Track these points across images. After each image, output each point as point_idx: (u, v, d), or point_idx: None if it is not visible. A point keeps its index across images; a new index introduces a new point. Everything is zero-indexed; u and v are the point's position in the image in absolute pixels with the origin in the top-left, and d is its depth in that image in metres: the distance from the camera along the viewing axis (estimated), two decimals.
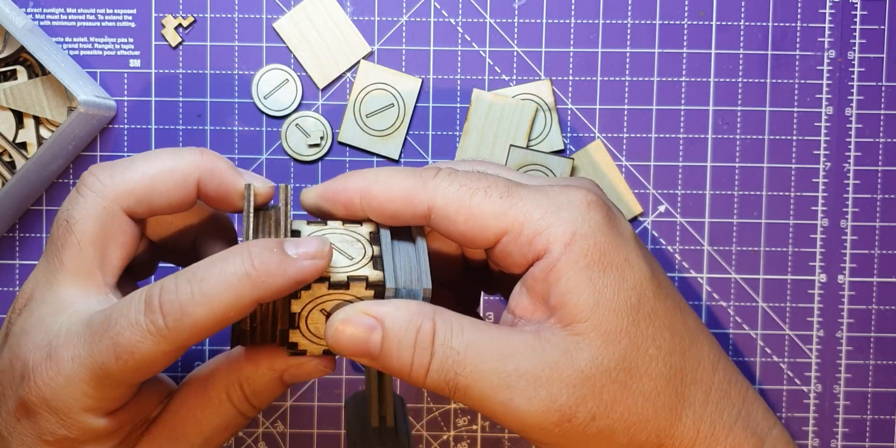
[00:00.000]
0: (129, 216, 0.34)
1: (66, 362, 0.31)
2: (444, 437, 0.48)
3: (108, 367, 0.31)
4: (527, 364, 0.31)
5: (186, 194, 0.34)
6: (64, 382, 0.31)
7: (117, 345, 0.30)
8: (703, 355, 0.34)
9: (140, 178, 0.33)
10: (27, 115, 0.45)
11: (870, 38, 0.47)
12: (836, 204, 0.47)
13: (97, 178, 0.33)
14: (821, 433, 0.48)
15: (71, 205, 0.33)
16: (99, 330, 0.31)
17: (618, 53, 0.47)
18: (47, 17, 0.47)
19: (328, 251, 0.31)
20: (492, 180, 0.33)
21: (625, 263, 0.32)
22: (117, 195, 0.33)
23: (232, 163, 0.35)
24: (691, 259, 0.47)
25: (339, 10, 0.47)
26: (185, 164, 0.34)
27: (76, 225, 0.33)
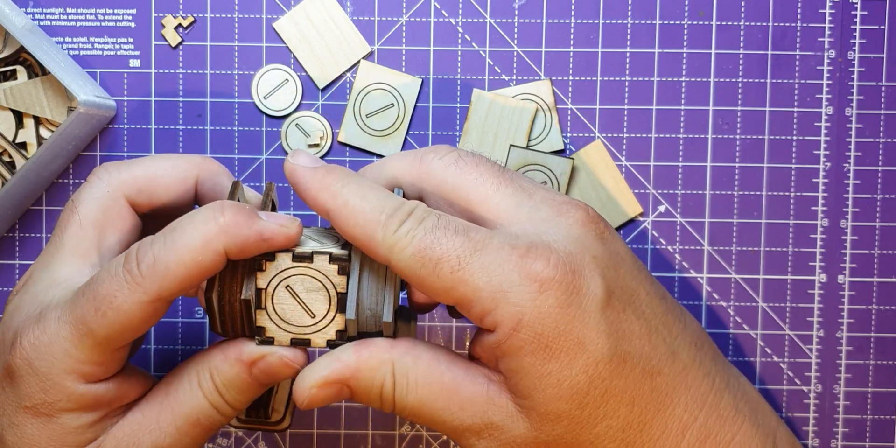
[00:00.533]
0: (131, 205, 0.36)
1: (52, 322, 0.32)
2: (444, 436, 0.48)
3: (88, 319, 0.32)
4: (470, 422, 0.33)
5: (185, 191, 0.37)
6: (47, 341, 0.32)
7: (96, 296, 0.32)
8: (670, 421, 0.33)
9: (144, 172, 0.36)
10: (27, 115, 0.45)
11: (870, 38, 0.47)
12: (836, 204, 0.47)
13: (106, 169, 0.36)
14: (821, 433, 0.48)
15: (79, 190, 0.36)
16: (82, 288, 0.32)
17: (618, 53, 0.47)
18: (47, 17, 0.47)
19: (297, 224, 0.33)
20: (450, 246, 0.32)
21: (576, 347, 0.32)
22: (121, 183, 0.36)
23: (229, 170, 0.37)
24: (691, 259, 0.47)
25: (339, 10, 0.47)
26: (185, 164, 0.37)
27: (80, 206, 0.35)
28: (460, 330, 0.47)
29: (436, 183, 0.35)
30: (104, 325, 0.32)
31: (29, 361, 0.32)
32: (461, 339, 0.47)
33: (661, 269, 0.47)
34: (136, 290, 0.31)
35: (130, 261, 0.32)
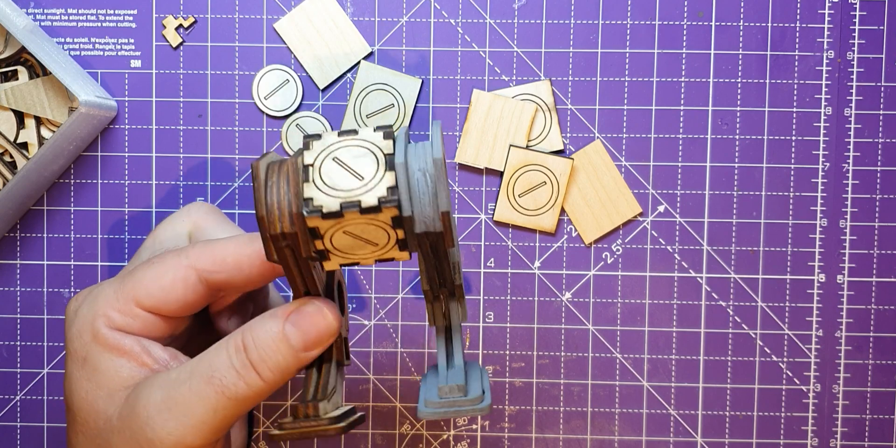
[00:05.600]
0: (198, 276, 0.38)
1: (105, 281, 0.38)
2: (444, 436, 0.48)
3: (136, 269, 0.37)
4: None
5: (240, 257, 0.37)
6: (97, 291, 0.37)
7: (152, 258, 0.37)
8: None
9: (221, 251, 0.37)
10: (28, 116, 0.45)
11: (869, 38, 0.47)
12: (835, 204, 0.47)
13: (198, 210, 0.41)
14: (820, 433, 0.48)
15: (165, 222, 0.41)
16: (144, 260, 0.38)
17: (617, 54, 0.47)
18: (48, 18, 0.47)
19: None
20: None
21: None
22: (197, 259, 0.37)
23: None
24: (690, 259, 0.47)
25: (339, 11, 0.47)
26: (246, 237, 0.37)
27: (159, 233, 0.40)
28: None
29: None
30: (144, 274, 0.36)
31: (76, 309, 0.37)
32: None
33: (661, 269, 0.47)
34: (180, 254, 0.37)
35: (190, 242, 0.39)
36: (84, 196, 0.47)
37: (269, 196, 0.32)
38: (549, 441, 0.48)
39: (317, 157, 0.32)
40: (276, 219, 0.32)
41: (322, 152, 0.32)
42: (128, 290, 0.36)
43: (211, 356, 0.34)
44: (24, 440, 0.48)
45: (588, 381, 0.48)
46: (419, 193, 0.32)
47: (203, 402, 0.33)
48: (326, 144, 0.33)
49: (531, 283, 0.47)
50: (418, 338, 0.48)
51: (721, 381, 0.48)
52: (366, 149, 0.32)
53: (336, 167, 0.32)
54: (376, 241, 0.32)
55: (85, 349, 0.36)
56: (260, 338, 0.34)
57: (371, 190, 0.32)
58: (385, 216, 0.31)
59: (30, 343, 0.48)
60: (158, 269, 0.36)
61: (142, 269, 0.37)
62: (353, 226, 0.32)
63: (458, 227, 0.47)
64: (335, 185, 0.32)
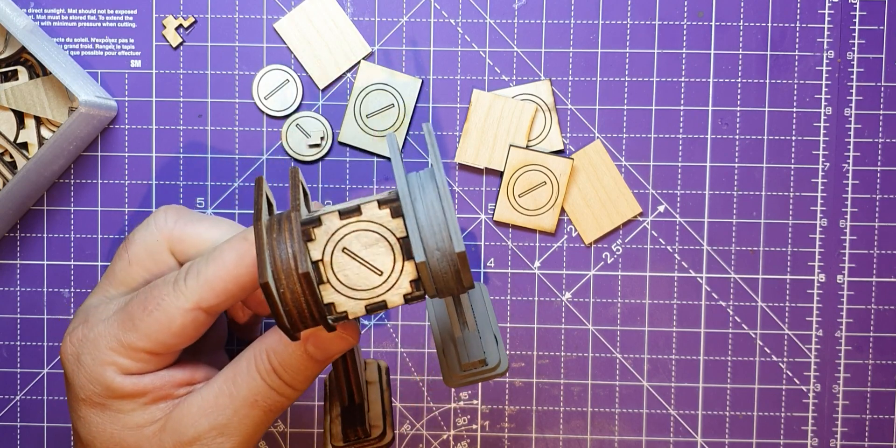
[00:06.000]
0: (172, 254, 0.38)
1: (99, 323, 0.36)
2: (444, 436, 0.48)
3: (135, 316, 0.35)
4: None
5: (242, 280, 0.36)
6: (93, 337, 0.35)
7: (147, 298, 0.35)
8: None
9: (194, 232, 0.38)
10: (28, 116, 0.45)
11: (869, 38, 0.47)
12: (835, 204, 0.47)
13: (166, 214, 0.39)
14: (820, 433, 0.48)
15: (137, 230, 0.39)
16: (134, 295, 0.36)
17: (617, 54, 0.47)
18: (48, 18, 0.47)
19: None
20: None
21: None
22: (170, 236, 0.38)
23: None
24: (690, 259, 0.47)
25: (339, 11, 0.47)
26: (236, 254, 0.36)
27: (131, 246, 0.38)
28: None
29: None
30: (148, 322, 0.35)
31: (77, 356, 0.36)
32: None
33: (661, 269, 0.47)
34: (179, 297, 0.35)
35: (181, 274, 0.35)
36: (84, 196, 0.47)
37: (284, 305, 0.31)
38: (549, 441, 0.48)
39: (324, 251, 0.31)
40: (296, 320, 0.31)
41: (329, 242, 0.31)
42: (135, 340, 0.35)
43: (246, 380, 0.36)
44: (24, 440, 0.48)
45: (588, 381, 0.48)
46: (439, 268, 0.31)
47: (252, 422, 0.36)
48: (330, 232, 0.31)
49: (531, 283, 0.47)
50: (418, 338, 0.48)
51: (721, 381, 0.48)
52: (376, 233, 0.31)
53: (349, 262, 0.31)
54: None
55: (101, 397, 0.36)
56: (287, 361, 0.35)
57: (394, 286, 0.31)
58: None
59: (30, 343, 0.48)
60: (162, 317, 0.35)
61: (142, 316, 0.35)
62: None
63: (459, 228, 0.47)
64: (354, 285, 0.31)
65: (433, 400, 0.48)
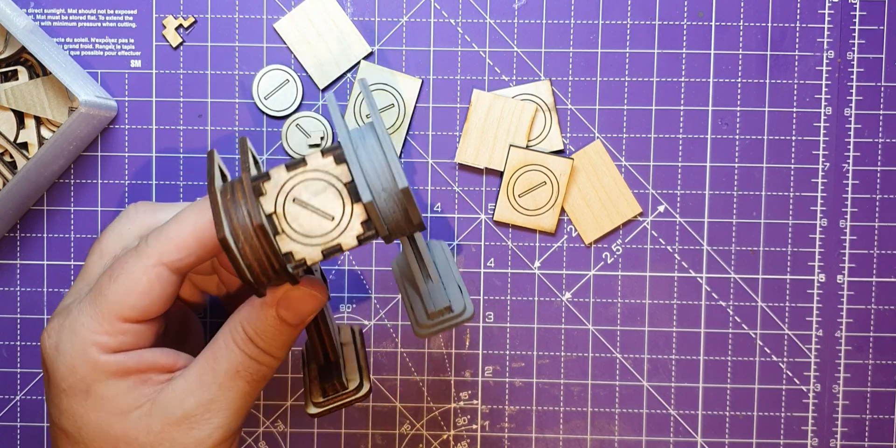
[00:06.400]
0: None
1: (72, 310, 0.36)
2: (444, 436, 0.48)
3: (103, 289, 0.35)
4: None
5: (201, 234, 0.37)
6: (69, 323, 0.35)
7: (113, 268, 0.35)
8: None
9: (165, 216, 0.39)
10: (28, 116, 0.45)
11: (869, 38, 0.47)
12: (835, 204, 0.47)
13: (136, 209, 0.39)
14: (820, 433, 0.48)
15: (109, 225, 0.39)
16: (101, 272, 0.37)
17: (617, 54, 0.47)
18: (48, 18, 0.47)
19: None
20: None
21: None
22: (142, 226, 0.38)
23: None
24: (690, 259, 0.47)
25: (339, 11, 0.47)
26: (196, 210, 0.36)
27: (104, 238, 0.39)
28: (460, 329, 0.48)
29: None
30: (116, 288, 0.35)
31: (56, 345, 0.36)
32: (461, 339, 0.48)
33: (661, 269, 0.47)
34: (143, 257, 0.35)
35: (142, 240, 0.36)
36: (84, 196, 0.47)
37: (244, 259, 0.32)
38: (549, 441, 0.48)
39: (276, 202, 0.32)
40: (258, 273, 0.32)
41: (279, 195, 0.32)
42: (107, 311, 0.35)
43: (225, 353, 0.36)
44: (24, 440, 0.48)
45: (588, 381, 0.48)
46: (387, 208, 0.32)
47: (237, 394, 0.36)
48: (279, 184, 0.32)
49: (531, 283, 0.47)
50: (418, 338, 0.48)
51: (721, 381, 0.48)
52: (322, 182, 0.32)
53: (300, 210, 0.32)
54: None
55: (85, 382, 0.35)
56: (261, 328, 0.36)
57: (346, 230, 0.32)
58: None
59: (30, 343, 0.48)
60: (128, 279, 0.35)
61: (109, 284, 0.35)
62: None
63: (459, 227, 0.47)
64: (308, 232, 0.32)
65: (433, 400, 0.48)
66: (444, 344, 0.48)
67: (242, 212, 0.32)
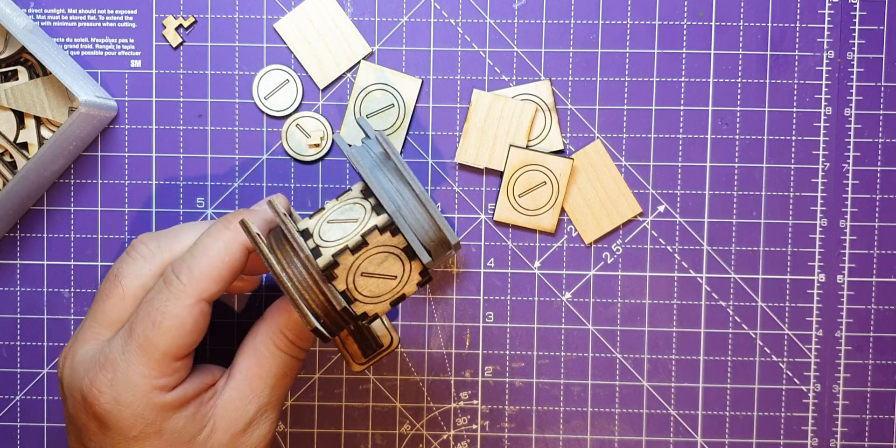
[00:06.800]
0: None
1: (117, 361, 0.36)
2: (444, 436, 0.48)
3: (149, 335, 0.36)
4: None
5: (234, 265, 0.38)
6: (122, 375, 0.36)
7: (151, 312, 0.36)
8: None
9: (181, 249, 0.39)
10: (28, 116, 0.45)
11: (869, 38, 0.47)
12: (835, 204, 0.47)
13: (146, 245, 0.39)
14: (820, 433, 0.48)
15: (122, 263, 0.39)
16: (133, 318, 0.37)
17: (617, 54, 0.47)
18: (48, 18, 0.47)
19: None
20: None
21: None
22: (162, 262, 0.39)
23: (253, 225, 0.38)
24: (690, 259, 0.47)
25: (339, 11, 0.47)
26: (217, 239, 0.38)
27: (123, 280, 0.39)
28: (460, 329, 0.48)
29: None
30: (163, 333, 0.36)
31: (115, 399, 0.36)
32: (461, 339, 0.48)
33: (661, 269, 0.47)
34: (181, 296, 0.36)
35: (170, 277, 0.37)
36: (84, 196, 0.47)
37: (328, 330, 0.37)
38: (549, 441, 0.48)
39: (346, 280, 0.36)
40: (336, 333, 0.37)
41: (348, 275, 0.36)
42: (160, 356, 0.36)
43: (270, 359, 0.39)
44: (24, 440, 0.48)
45: (588, 381, 0.48)
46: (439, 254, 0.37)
47: (284, 390, 0.40)
48: (347, 267, 0.36)
49: (531, 283, 0.48)
50: (418, 338, 0.48)
51: (721, 381, 0.48)
52: (384, 253, 0.36)
53: (368, 280, 0.37)
54: (395, 273, 0.37)
55: (156, 425, 0.37)
56: (301, 332, 0.39)
57: (408, 282, 0.37)
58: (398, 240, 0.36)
59: (30, 343, 0.48)
60: (173, 323, 0.36)
61: (155, 330, 0.36)
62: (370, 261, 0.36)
63: (459, 227, 0.47)
64: (376, 294, 0.37)
65: (433, 400, 0.48)
66: (444, 344, 0.48)
67: (319, 298, 0.36)
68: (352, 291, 0.37)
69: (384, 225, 0.36)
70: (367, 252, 0.36)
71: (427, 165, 0.47)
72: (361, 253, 0.36)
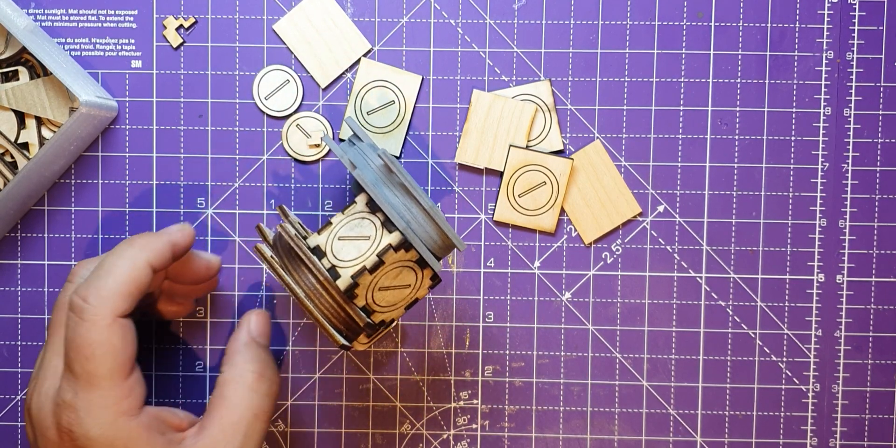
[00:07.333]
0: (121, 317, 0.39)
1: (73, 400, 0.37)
2: (444, 436, 0.48)
3: (88, 370, 0.36)
4: None
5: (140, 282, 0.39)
6: (84, 413, 0.36)
7: (77, 348, 0.36)
8: None
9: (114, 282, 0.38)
10: (29, 116, 0.45)
11: (868, 38, 0.47)
12: (834, 204, 0.47)
13: (87, 268, 0.40)
14: (819, 432, 0.48)
15: (66, 292, 0.40)
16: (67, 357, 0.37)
17: (617, 54, 0.47)
18: (49, 18, 0.47)
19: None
20: None
21: None
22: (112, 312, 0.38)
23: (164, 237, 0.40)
24: (690, 259, 0.47)
25: (339, 11, 0.47)
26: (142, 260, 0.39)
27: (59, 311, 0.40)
28: (460, 329, 0.48)
29: None
30: (99, 362, 0.36)
31: (85, 435, 0.36)
32: (461, 339, 0.48)
33: (660, 269, 0.47)
34: (96, 320, 0.37)
35: (78, 304, 0.37)
36: (85, 196, 0.47)
37: (347, 339, 0.38)
38: (549, 441, 0.48)
39: (366, 297, 0.37)
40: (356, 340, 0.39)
41: (367, 292, 0.37)
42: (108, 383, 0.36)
43: (239, 402, 0.39)
44: (24, 440, 0.48)
45: (588, 381, 0.48)
46: (422, 233, 0.38)
47: (259, 434, 0.40)
48: (366, 285, 0.37)
49: (531, 283, 0.48)
50: (418, 338, 0.48)
51: (721, 380, 0.48)
52: (399, 268, 0.38)
53: (385, 293, 0.38)
54: (409, 282, 0.38)
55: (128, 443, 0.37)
56: (268, 362, 0.41)
57: (420, 288, 0.39)
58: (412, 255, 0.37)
59: (30, 343, 0.48)
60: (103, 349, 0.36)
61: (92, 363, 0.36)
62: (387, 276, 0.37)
63: (459, 227, 0.47)
64: (393, 302, 0.38)
65: (433, 400, 0.48)
66: (444, 344, 0.48)
67: (342, 316, 0.37)
68: (370, 305, 0.38)
69: (398, 244, 0.37)
70: (384, 269, 0.37)
71: (427, 165, 0.47)
72: (379, 271, 0.37)
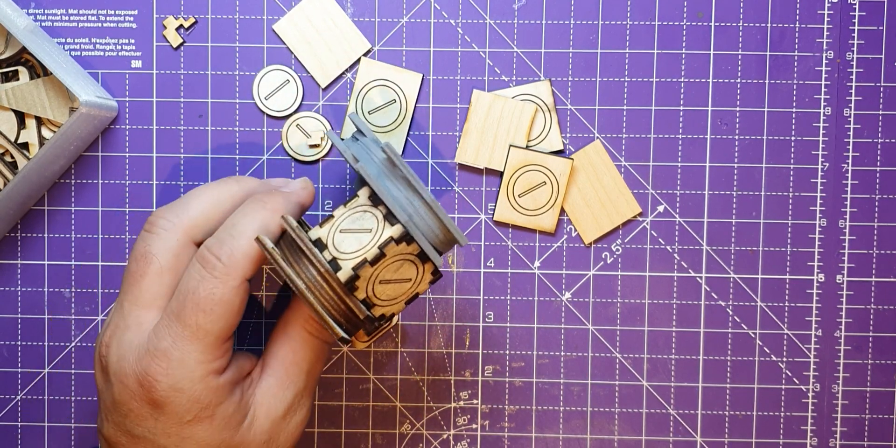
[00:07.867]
0: (195, 244, 0.40)
1: (169, 348, 0.37)
2: (444, 436, 0.48)
3: (201, 323, 0.37)
4: None
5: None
6: (176, 364, 0.37)
7: (198, 301, 0.37)
8: None
9: (199, 211, 0.40)
10: (29, 116, 0.45)
11: (868, 38, 0.47)
12: (834, 204, 0.47)
13: (165, 218, 0.40)
14: (819, 432, 0.48)
15: (147, 241, 0.39)
16: (178, 306, 0.37)
17: (617, 54, 0.47)
18: (49, 18, 0.47)
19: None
20: None
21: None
22: (185, 230, 0.39)
23: (262, 181, 0.41)
24: (690, 259, 0.47)
25: (339, 11, 0.47)
26: (227, 193, 0.40)
27: (158, 256, 0.39)
28: (460, 329, 0.48)
29: None
30: (216, 319, 0.37)
31: (172, 386, 0.37)
32: (461, 339, 0.48)
33: (660, 269, 0.47)
34: (227, 280, 0.37)
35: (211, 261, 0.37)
36: (85, 196, 0.47)
37: (347, 334, 0.38)
38: (549, 441, 0.48)
39: (366, 290, 0.37)
40: (356, 334, 0.39)
41: (368, 284, 0.37)
42: (212, 341, 0.37)
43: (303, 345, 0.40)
44: (24, 440, 0.48)
45: (588, 381, 0.48)
46: (424, 226, 0.38)
47: (317, 374, 0.41)
48: (367, 277, 0.37)
49: (531, 283, 0.48)
50: (418, 338, 0.48)
51: (721, 380, 0.48)
52: (399, 261, 0.37)
53: (386, 286, 0.38)
54: (410, 276, 0.38)
55: (210, 409, 0.38)
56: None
57: (421, 282, 0.39)
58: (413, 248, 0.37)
59: (30, 343, 0.48)
60: (224, 308, 0.37)
61: (208, 318, 0.37)
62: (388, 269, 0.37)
63: (459, 227, 0.47)
64: (393, 296, 0.38)
65: (433, 400, 0.48)
66: (444, 344, 0.48)
67: (342, 308, 0.38)
68: (371, 298, 0.38)
69: (400, 236, 0.37)
70: (385, 262, 0.37)
71: (427, 165, 0.47)
72: (380, 264, 0.37)
